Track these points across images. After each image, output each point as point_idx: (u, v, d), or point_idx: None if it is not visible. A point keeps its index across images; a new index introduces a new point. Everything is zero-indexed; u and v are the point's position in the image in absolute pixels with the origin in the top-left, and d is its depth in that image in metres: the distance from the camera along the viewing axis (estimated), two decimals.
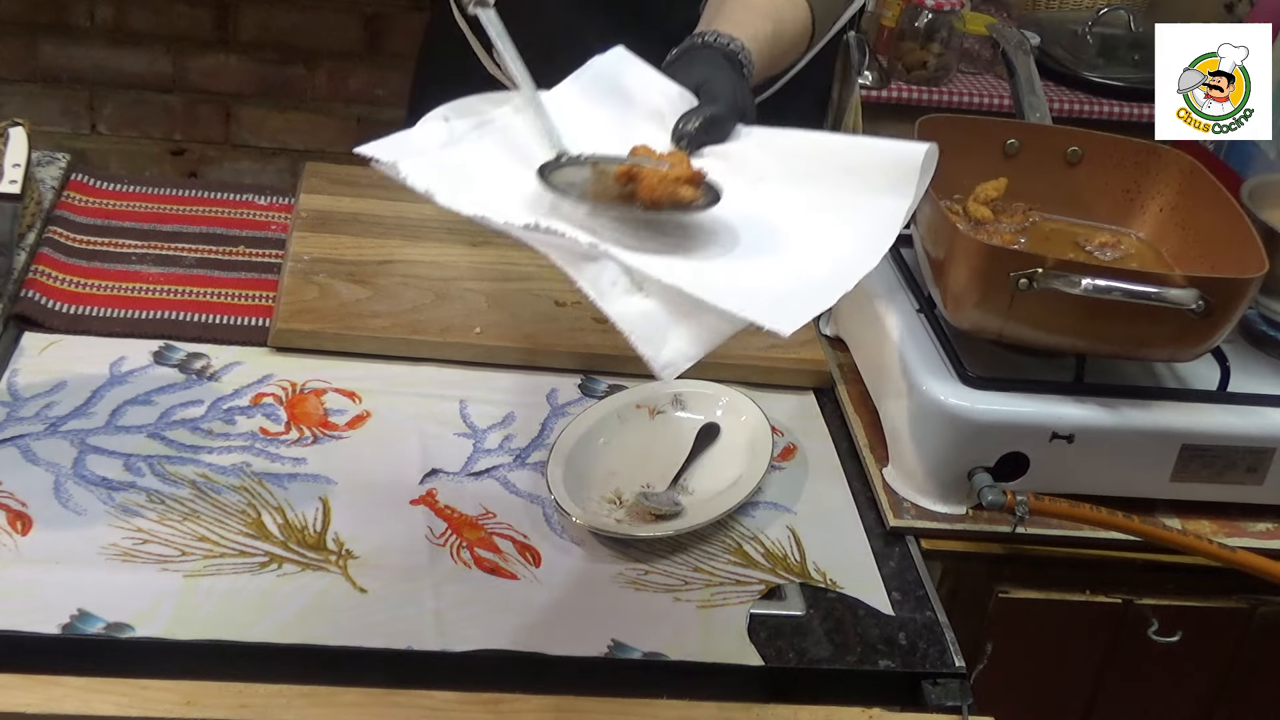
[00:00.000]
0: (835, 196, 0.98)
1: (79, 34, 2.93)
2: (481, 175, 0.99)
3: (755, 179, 1.02)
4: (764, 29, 1.22)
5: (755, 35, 1.20)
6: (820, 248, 0.95)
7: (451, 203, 0.92)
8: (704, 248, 0.94)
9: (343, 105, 3.05)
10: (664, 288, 0.87)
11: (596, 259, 0.89)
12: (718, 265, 0.93)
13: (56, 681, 0.95)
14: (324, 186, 1.54)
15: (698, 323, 0.87)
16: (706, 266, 0.92)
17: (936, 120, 1.34)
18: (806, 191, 0.99)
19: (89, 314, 1.32)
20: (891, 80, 2.78)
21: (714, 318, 0.86)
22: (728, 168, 1.03)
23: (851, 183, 0.98)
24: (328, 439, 1.22)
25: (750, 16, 1.22)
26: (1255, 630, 1.31)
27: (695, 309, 0.86)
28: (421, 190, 0.92)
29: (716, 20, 1.21)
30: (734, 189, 1.00)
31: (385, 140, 0.98)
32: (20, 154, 1.43)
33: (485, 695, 0.99)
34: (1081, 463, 1.22)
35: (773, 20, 1.24)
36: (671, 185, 0.93)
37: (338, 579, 1.07)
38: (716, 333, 0.87)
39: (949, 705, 1.05)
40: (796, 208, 0.99)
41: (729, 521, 1.18)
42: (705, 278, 0.89)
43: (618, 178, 0.95)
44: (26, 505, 1.09)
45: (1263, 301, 1.36)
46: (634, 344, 0.86)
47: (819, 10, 1.31)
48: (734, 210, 0.98)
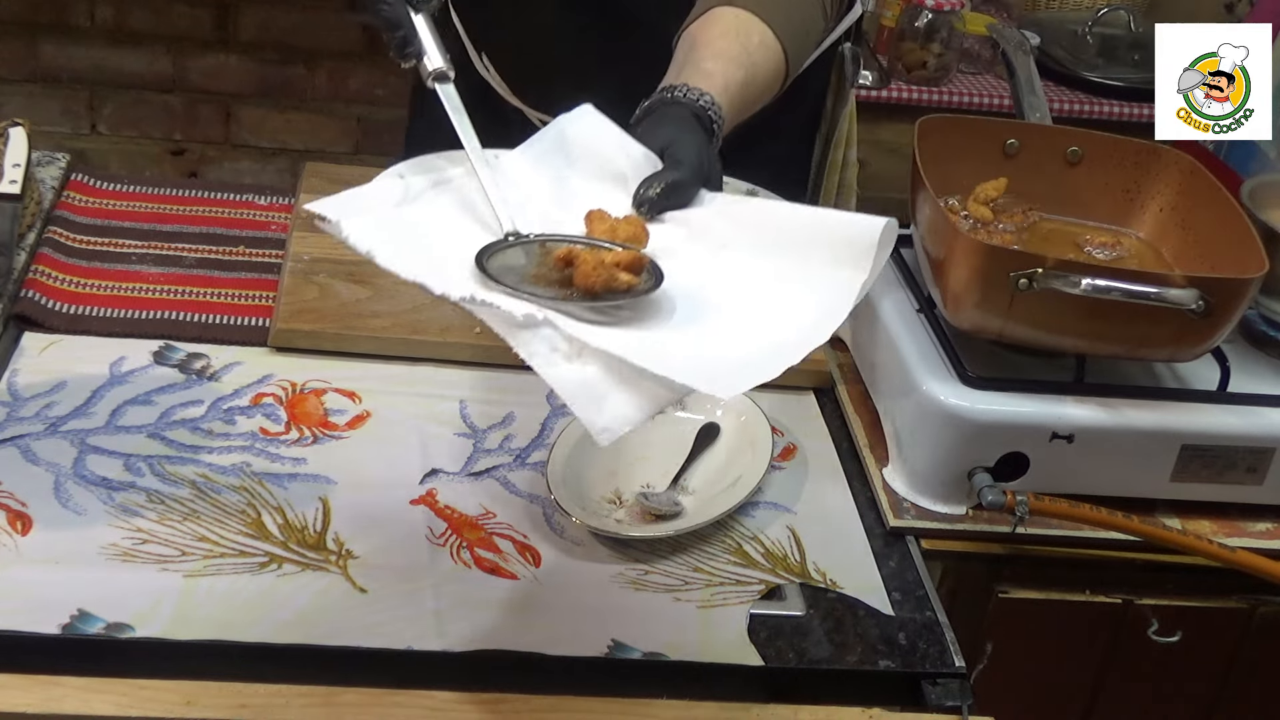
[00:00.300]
0: (793, 268, 0.98)
1: (79, 34, 2.93)
2: (431, 236, 0.97)
3: (715, 247, 1.01)
4: (735, 77, 1.20)
5: (726, 86, 1.18)
6: (772, 319, 0.95)
7: (390, 265, 0.90)
8: (648, 316, 0.94)
9: (343, 105, 3.05)
10: (601, 354, 0.86)
11: (534, 327, 0.88)
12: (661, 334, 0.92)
13: (56, 681, 0.95)
14: (324, 186, 1.53)
15: (637, 389, 0.86)
16: (649, 335, 0.92)
17: (936, 120, 1.34)
18: (764, 261, 0.99)
19: (89, 314, 1.32)
20: (891, 80, 2.78)
21: (654, 384, 0.85)
22: (688, 234, 1.02)
23: (810, 254, 0.98)
24: (328, 439, 1.22)
25: (721, 66, 1.20)
26: (1255, 630, 1.31)
27: (635, 375, 0.85)
28: (362, 252, 0.91)
29: (686, 69, 1.19)
30: (692, 256, 1.00)
31: (338, 196, 0.97)
32: (20, 154, 1.43)
33: (485, 695, 0.99)
34: (1081, 463, 1.22)
35: (745, 67, 1.21)
36: (608, 271, 0.92)
37: (338, 579, 1.07)
38: (656, 399, 0.86)
39: (949, 705, 1.05)
40: (753, 277, 0.98)
41: (729, 521, 1.18)
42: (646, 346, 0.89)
43: (556, 261, 0.94)
44: (26, 505, 1.09)
45: (1263, 301, 1.36)
46: (572, 410, 0.85)
47: (792, 51, 1.28)
48: (689, 278, 0.98)
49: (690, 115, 1.12)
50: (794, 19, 1.30)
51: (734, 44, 1.23)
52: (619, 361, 0.86)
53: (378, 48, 2.97)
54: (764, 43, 1.25)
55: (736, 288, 0.98)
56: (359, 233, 0.92)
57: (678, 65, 1.22)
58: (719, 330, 0.94)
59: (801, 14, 1.32)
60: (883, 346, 1.31)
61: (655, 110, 1.14)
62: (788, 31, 1.28)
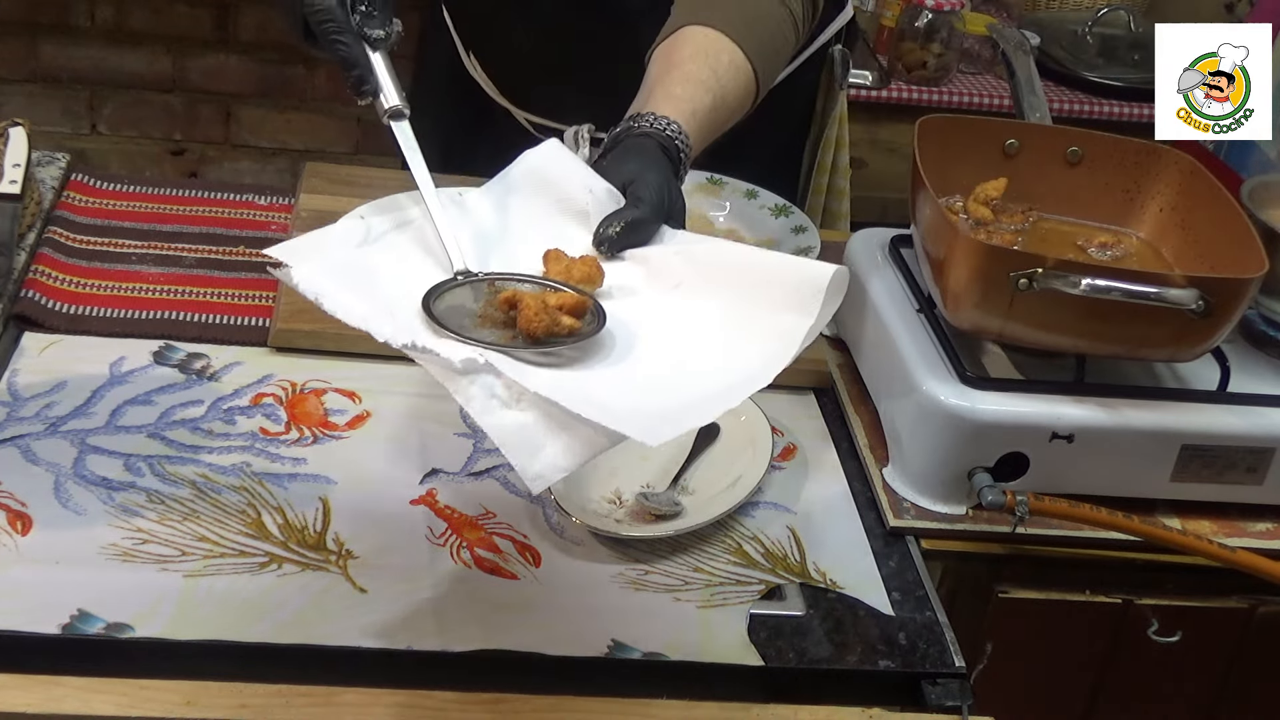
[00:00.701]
0: (742, 310, 0.98)
1: (79, 34, 2.93)
2: (383, 279, 0.98)
3: (668, 287, 1.02)
4: (704, 102, 1.19)
5: (694, 112, 1.17)
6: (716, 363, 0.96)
7: (335, 311, 0.91)
8: (590, 359, 0.95)
9: (343, 105, 3.05)
10: (539, 400, 0.87)
11: (473, 374, 0.89)
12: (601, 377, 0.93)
13: (56, 681, 0.95)
14: (324, 186, 1.54)
15: (572, 435, 0.86)
16: (589, 378, 0.92)
17: (936, 120, 1.34)
18: (715, 303, 1.00)
19: (89, 314, 1.32)
20: (891, 80, 2.78)
21: (588, 430, 0.86)
22: (645, 273, 1.03)
23: (760, 297, 0.98)
24: (328, 439, 1.22)
25: (689, 90, 1.19)
26: (1255, 630, 1.31)
27: (571, 422, 0.86)
28: (310, 298, 0.92)
29: (655, 96, 1.19)
30: (645, 296, 1.01)
31: (297, 240, 0.98)
32: (20, 154, 1.43)
33: (485, 695, 0.99)
34: (1081, 463, 1.22)
35: (713, 91, 1.21)
36: (550, 315, 0.93)
37: (338, 579, 1.07)
38: (591, 445, 0.87)
39: (949, 705, 1.05)
40: (702, 320, 0.99)
41: (729, 521, 1.18)
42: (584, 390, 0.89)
43: (501, 303, 0.95)
44: (26, 505, 1.09)
45: (1263, 301, 1.36)
46: (507, 456, 0.86)
47: (762, 70, 1.28)
48: (639, 318, 0.99)
49: (656, 147, 1.12)
50: (763, 38, 1.29)
51: (703, 67, 1.22)
52: (556, 407, 0.86)
53: None
54: (733, 63, 1.24)
55: (684, 330, 0.99)
56: (308, 279, 0.93)
57: (647, 88, 1.22)
58: (660, 375, 0.95)
59: (771, 33, 1.31)
60: (883, 346, 1.31)
61: (622, 141, 1.14)
62: (757, 51, 1.27)
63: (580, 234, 1.05)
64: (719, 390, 0.92)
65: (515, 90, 1.60)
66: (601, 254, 1.04)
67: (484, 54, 1.60)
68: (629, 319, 0.98)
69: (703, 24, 1.25)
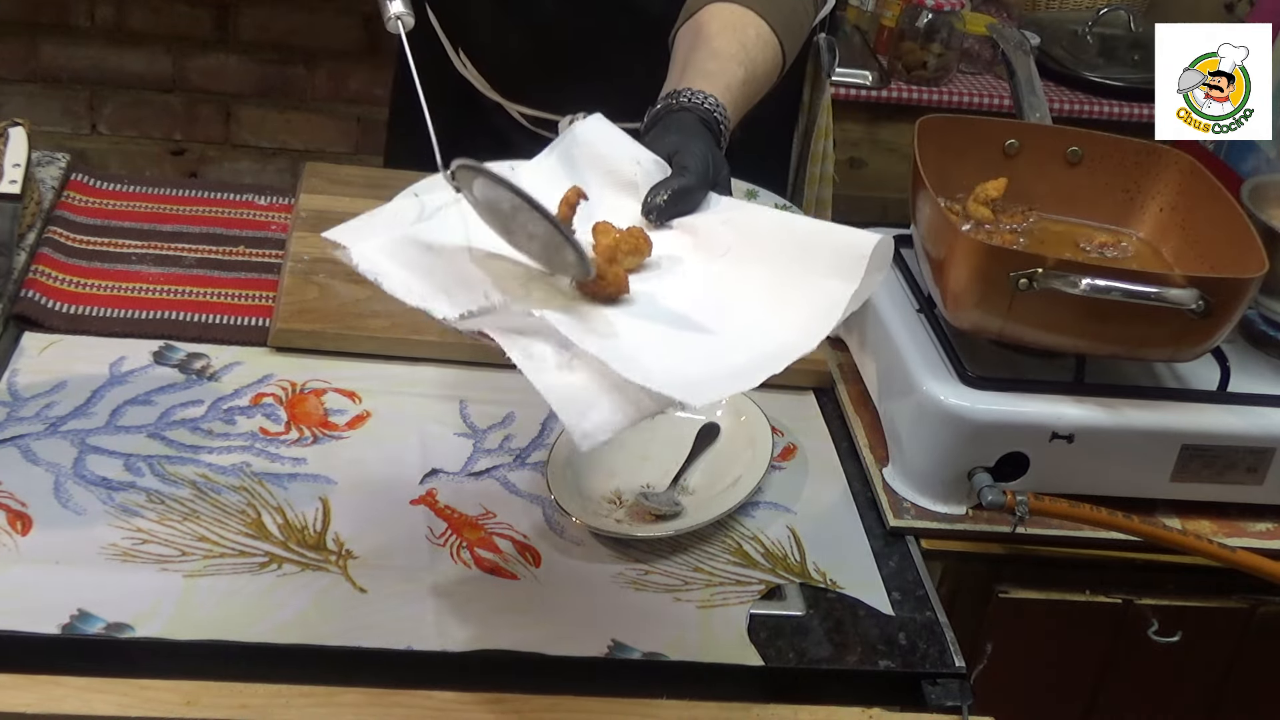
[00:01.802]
0: (787, 277, 1.00)
1: (79, 34, 2.93)
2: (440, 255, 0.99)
3: (716, 254, 1.04)
4: (736, 76, 1.21)
5: (729, 85, 1.19)
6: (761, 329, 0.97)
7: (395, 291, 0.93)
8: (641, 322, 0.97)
9: (343, 105, 3.06)
10: (592, 360, 0.89)
11: (529, 333, 0.91)
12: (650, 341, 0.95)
13: (56, 681, 0.95)
14: (324, 186, 1.54)
15: (623, 396, 0.89)
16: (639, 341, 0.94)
17: (936, 120, 1.34)
18: (761, 269, 1.01)
19: (89, 314, 1.32)
20: (891, 80, 2.78)
21: (637, 392, 0.88)
22: (692, 241, 1.05)
23: (805, 264, 1.00)
24: (328, 439, 1.22)
25: (721, 65, 1.21)
26: (1255, 630, 1.31)
27: (620, 383, 0.88)
28: (371, 279, 0.94)
29: (689, 72, 1.20)
30: (693, 265, 1.03)
31: (353, 222, 0.99)
32: (20, 154, 1.43)
33: (485, 695, 0.99)
34: (1081, 463, 1.22)
35: (744, 65, 1.23)
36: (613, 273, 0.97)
37: (338, 579, 1.07)
38: (640, 407, 0.89)
39: (949, 705, 1.05)
40: (748, 287, 1.01)
41: (729, 521, 1.18)
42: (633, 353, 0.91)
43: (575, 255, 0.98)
44: (26, 505, 1.09)
45: (1263, 301, 1.36)
46: (558, 414, 0.88)
47: (787, 42, 1.30)
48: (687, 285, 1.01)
49: (697, 121, 1.14)
50: (785, 11, 1.31)
51: (732, 41, 1.24)
52: (606, 369, 0.88)
53: (377, 47, 2.98)
54: (760, 36, 1.26)
55: (730, 297, 1.00)
56: (368, 259, 0.95)
57: (679, 67, 1.23)
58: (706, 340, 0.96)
59: (792, 6, 1.33)
60: (883, 346, 1.31)
61: (662, 118, 1.15)
62: (781, 24, 1.29)
63: (629, 205, 1.07)
64: (763, 356, 0.93)
65: (509, 87, 1.60)
66: (650, 222, 1.05)
67: (476, 52, 1.60)
68: (677, 287, 1.00)
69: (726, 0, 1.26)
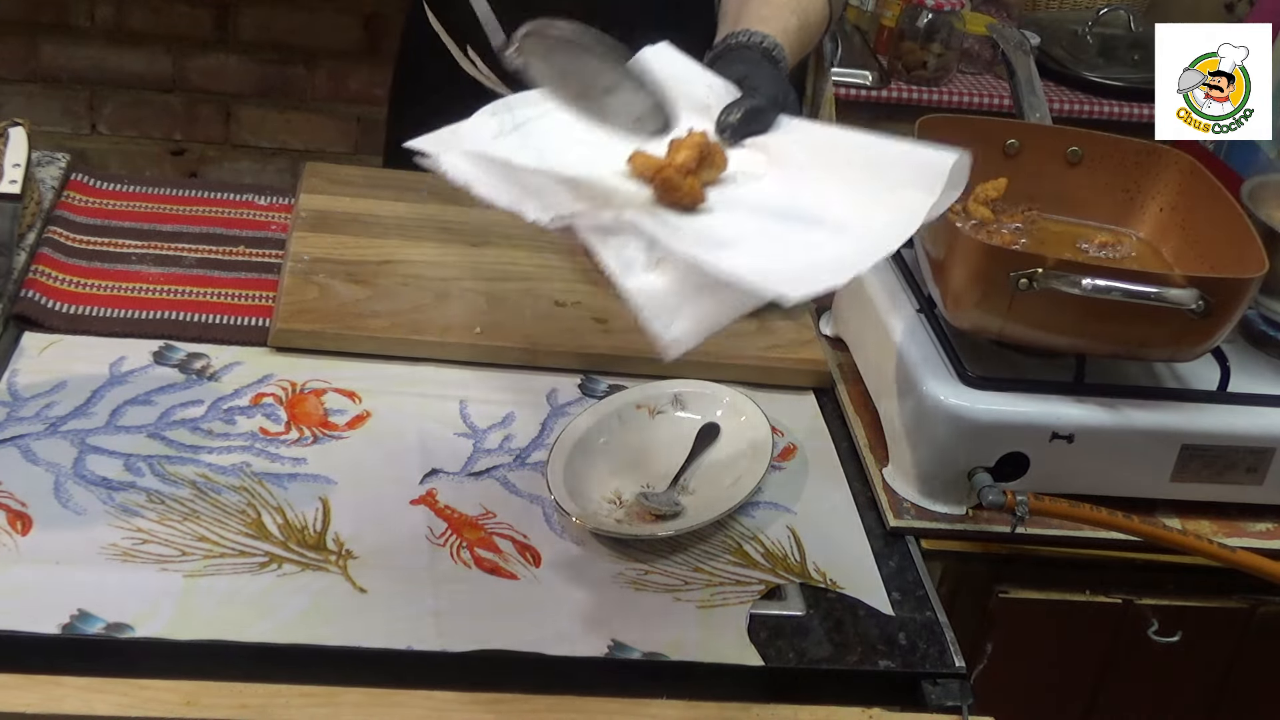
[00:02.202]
0: (866, 187, 1.03)
1: (79, 34, 2.93)
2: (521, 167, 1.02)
3: (791, 170, 1.06)
4: (790, 23, 1.25)
5: (785, 29, 1.23)
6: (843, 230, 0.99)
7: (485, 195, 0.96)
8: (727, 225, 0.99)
9: (343, 105, 3.05)
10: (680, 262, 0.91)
11: (620, 233, 0.93)
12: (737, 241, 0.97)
13: (56, 681, 0.95)
14: (324, 186, 1.54)
15: (710, 299, 0.90)
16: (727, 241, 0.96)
17: (936, 120, 1.34)
18: (838, 181, 1.04)
19: (89, 314, 1.32)
20: (891, 80, 2.78)
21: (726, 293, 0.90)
22: (767, 159, 1.07)
23: (885, 176, 1.03)
24: (328, 439, 1.22)
25: (775, 12, 1.25)
26: (1255, 630, 1.31)
27: (708, 286, 0.90)
28: (460, 184, 0.97)
29: (743, 19, 1.23)
30: (769, 180, 1.05)
31: (437, 134, 1.02)
32: (20, 154, 1.43)
33: (485, 695, 0.99)
34: (1081, 463, 1.22)
35: (797, 14, 1.27)
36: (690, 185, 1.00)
37: (338, 579, 1.07)
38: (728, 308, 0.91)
39: (949, 705, 1.05)
40: (827, 194, 1.03)
41: (729, 521, 1.18)
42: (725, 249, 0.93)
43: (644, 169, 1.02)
44: (26, 505, 1.09)
45: (1263, 301, 1.36)
46: (644, 319, 0.90)
47: None
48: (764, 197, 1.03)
49: (760, 55, 1.17)
50: None
51: None
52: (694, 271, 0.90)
53: (377, 47, 2.98)
54: None
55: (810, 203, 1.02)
56: (456, 166, 0.98)
57: (731, 16, 1.27)
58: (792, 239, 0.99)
59: None
60: (883, 346, 1.31)
61: (723, 55, 1.18)
62: None
63: (703, 124, 1.08)
64: (850, 253, 0.95)
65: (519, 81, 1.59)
66: (724, 140, 1.07)
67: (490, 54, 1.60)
68: (755, 197, 1.02)
69: None
